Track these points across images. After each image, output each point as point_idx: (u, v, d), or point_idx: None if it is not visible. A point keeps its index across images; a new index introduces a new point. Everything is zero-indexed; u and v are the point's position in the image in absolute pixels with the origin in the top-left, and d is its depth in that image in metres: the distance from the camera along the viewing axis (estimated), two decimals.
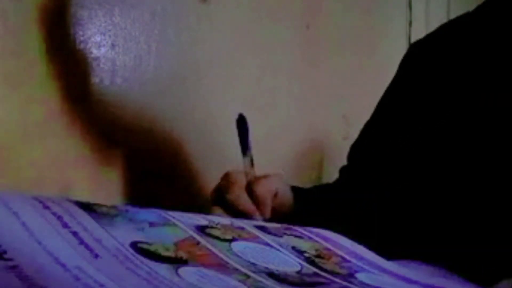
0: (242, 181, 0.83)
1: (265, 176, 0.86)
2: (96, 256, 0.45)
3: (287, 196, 0.89)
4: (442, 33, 0.97)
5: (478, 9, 0.94)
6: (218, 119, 1.27)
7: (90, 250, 0.46)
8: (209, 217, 0.61)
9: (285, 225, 0.67)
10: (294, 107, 1.46)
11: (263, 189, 0.83)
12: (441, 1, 1.87)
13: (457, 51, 0.91)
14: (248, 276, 0.50)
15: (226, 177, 0.85)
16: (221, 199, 0.82)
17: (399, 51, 1.79)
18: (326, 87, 1.53)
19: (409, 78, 0.97)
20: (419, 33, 1.79)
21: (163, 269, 0.47)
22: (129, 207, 0.55)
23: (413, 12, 1.80)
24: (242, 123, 0.88)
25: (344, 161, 1.04)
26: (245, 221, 0.64)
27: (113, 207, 0.53)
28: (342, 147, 1.53)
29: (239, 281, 0.49)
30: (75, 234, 0.47)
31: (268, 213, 0.83)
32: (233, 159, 1.27)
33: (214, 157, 1.25)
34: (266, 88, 1.38)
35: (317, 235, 0.67)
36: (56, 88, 1.00)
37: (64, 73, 1.02)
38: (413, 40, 1.79)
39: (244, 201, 0.81)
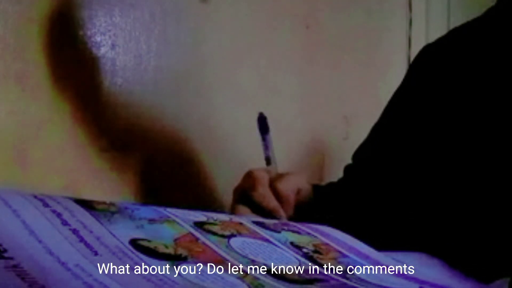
0: (265, 179, 0.85)
1: (287, 174, 0.88)
2: (96, 253, 0.45)
3: (308, 194, 0.91)
4: (454, 37, 0.97)
5: (488, 12, 0.94)
6: (218, 118, 1.27)
7: (90, 247, 0.46)
8: (208, 213, 0.61)
9: (282, 221, 0.68)
10: (294, 107, 1.46)
11: (286, 187, 0.85)
12: (441, 1, 1.87)
13: (468, 55, 0.91)
14: (247, 273, 0.50)
15: (249, 175, 0.86)
16: (245, 197, 0.84)
17: (399, 51, 1.80)
18: (326, 87, 1.53)
19: (419, 81, 0.97)
20: (419, 33, 1.79)
21: (163, 267, 0.47)
22: (128, 204, 0.55)
23: (413, 12, 1.80)
24: (262, 122, 0.91)
25: (345, 161, 1.04)
26: (244, 217, 0.65)
27: (112, 204, 0.53)
28: (342, 147, 1.53)
29: (238, 278, 0.49)
30: (75, 231, 0.47)
31: (291, 211, 0.84)
32: (234, 156, 1.28)
33: (215, 154, 1.26)
34: (266, 89, 1.38)
35: (315, 230, 0.67)
36: (57, 89, 1.00)
37: (65, 73, 1.02)
38: (413, 40, 1.80)
39: (269, 199, 0.83)
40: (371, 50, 1.67)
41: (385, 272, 0.61)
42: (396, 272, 0.62)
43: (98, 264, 0.44)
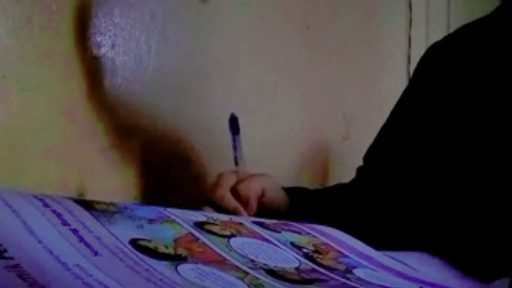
0: (228, 181, 0.90)
1: (251, 176, 0.92)
2: (96, 253, 0.45)
3: (276, 194, 0.94)
4: (461, 35, 0.97)
5: (496, 11, 0.94)
6: (218, 119, 1.26)
7: (90, 247, 0.46)
8: (208, 213, 0.61)
9: (283, 221, 0.68)
10: (294, 107, 1.46)
11: (246, 189, 0.89)
12: (441, 1, 1.87)
13: (475, 53, 0.91)
14: (247, 273, 0.50)
15: (216, 178, 0.92)
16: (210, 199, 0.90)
17: (399, 51, 1.80)
18: (326, 87, 1.53)
19: (427, 80, 0.97)
20: (419, 33, 1.79)
21: (163, 267, 0.47)
22: (128, 204, 0.55)
23: (413, 12, 1.80)
24: (233, 122, 0.95)
25: (345, 161, 1.04)
26: (244, 217, 0.65)
27: (112, 204, 0.53)
28: (342, 147, 1.53)
29: (238, 278, 0.49)
30: (75, 231, 0.47)
31: (252, 211, 0.88)
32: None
33: (215, 156, 1.25)
34: (266, 88, 1.38)
35: (315, 230, 0.67)
36: (57, 89, 1.00)
37: (65, 73, 1.02)
38: (413, 40, 1.79)
39: (228, 200, 0.88)
40: (371, 50, 1.67)
41: (386, 272, 0.61)
42: (397, 272, 0.62)
43: (98, 264, 0.44)
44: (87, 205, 0.52)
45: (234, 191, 0.89)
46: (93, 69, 1.06)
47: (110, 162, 1.09)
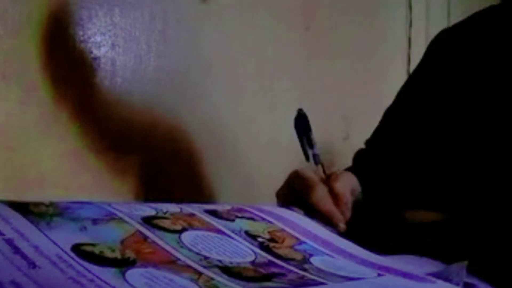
0: (319, 181, 0.80)
1: (340, 173, 0.83)
2: (34, 266, 0.41)
3: (359, 193, 0.87)
4: (470, 23, 0.97)
5: (506, 1, 0.94)
6: (218, 118, 1.27)
7: (27, 259, 0.42)
8: (157, 205, 0.58)
9: (235, 207, 0.65)
10: (294, 107, 1.46)
11: (343, 186, 0.80)
12: (441, 1, 1.86)
13: (484, 41, 0.91)
14: (201, 274, 0.48)
15: (300, 177, 0.81)
16: (300, 200, 0.79)
17: (399, 51, 1.78)
18: (326, 87, 1.52)
19: (434, 65, 0.97)
20: (419, 33, 1.77)
21: (109, 274, 0.43)
22: (70, 204, 0.51)
23: (413, 12, 1.79)
24: (302, 119, 0.87)
25: (345, 161, 1.04)
26: (195, 206, 0.61)
27: (52, 204, 0.50)
28: (342, 147, 1.53)
29: (191, 280, 0.46)
30: (9, 241, 0.43)
31: (349, 212, 0.79)
32: (234, 157, 1.28)
33: (215, 154, 1.26)
34: (266, 89, 1.38)
35: (270, 214, 0.65)
36: (57, 89, 1.01)
37: (65, 73, 1.02)
38: (413, 40, 1.78)
39: (329, 202, 0.78)
40: (371, 50, 1.66)
41: (343, 258, 0.60)
42: (354, 257, 0.60)
43: (36, 278, 0.40)
44: (23, 209, 0.48)
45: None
46: (93, 69, 1.07)
47: (110, 162, 1.10)
